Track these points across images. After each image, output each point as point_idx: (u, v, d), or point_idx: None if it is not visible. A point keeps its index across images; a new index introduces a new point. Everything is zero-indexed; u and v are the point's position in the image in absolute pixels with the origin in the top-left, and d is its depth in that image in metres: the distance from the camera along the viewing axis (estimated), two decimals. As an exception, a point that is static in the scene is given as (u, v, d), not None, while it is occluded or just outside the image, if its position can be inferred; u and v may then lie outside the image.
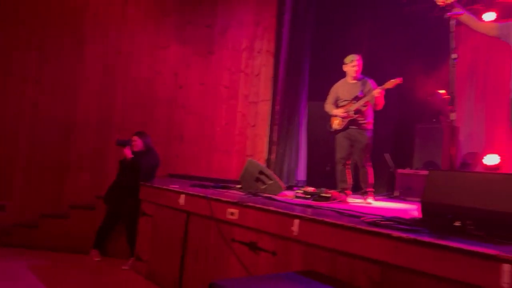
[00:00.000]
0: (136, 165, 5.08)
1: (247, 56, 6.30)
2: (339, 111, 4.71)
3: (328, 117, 4.91)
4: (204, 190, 4.11)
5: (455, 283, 1.92)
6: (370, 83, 4.68)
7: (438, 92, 6.47)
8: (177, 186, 4.23)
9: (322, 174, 6.25)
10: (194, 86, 6.40)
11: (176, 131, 6.31)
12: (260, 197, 3.78)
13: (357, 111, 4.59)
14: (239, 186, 4.44)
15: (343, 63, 4.82)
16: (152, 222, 4.46)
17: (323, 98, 5.52)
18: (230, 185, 4.66)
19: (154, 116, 6.20)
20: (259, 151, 6.04)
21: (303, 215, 2.70)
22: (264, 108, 6.10)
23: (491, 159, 6.42)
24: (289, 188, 5.32)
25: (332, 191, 4.10)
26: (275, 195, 4.09)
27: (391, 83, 4.45)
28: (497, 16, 6.77)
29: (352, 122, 4.63)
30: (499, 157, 6.38)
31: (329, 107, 4.85)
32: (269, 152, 5.97)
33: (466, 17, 3.39)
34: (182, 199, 3.90)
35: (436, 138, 6.36)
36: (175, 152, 6.25)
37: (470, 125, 7.50)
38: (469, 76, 7.62)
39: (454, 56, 3.19)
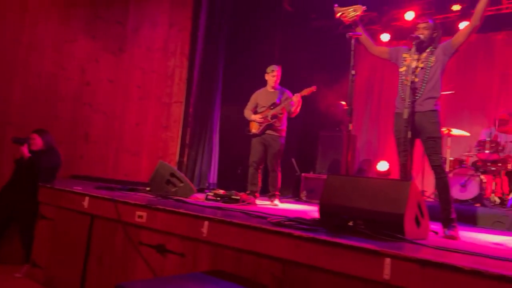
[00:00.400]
0: (34, 165, 4.71)
1: (160, 57, 6.21)
2: (257, 116, 4.97)
3: (246, 121, 5.15)
4: (111, 192, 3.97)
5: (347, 277, 2.15)
6: (287, 93, 5.04)
7: (340, 103, 7.03)
8: (81, 188, 4.03)
9: (233, 177, 6.40)
10: (103, 84, 6.12)
11: (81, 130, 5.96)
12: (170, 200, 3.77)
13: (274, 117, 4.89)
14: (148, 188, 4.38)
15: (265, 72, 5.12)
16: (52, 226, 4.18)
17: (236, 102, 5.68)
18: (139, 187, 4.56)
19: (57, 113, 5.79)
20: (171, 153, 5.99)
21: (212, 216, 2.77)
22: (177, 110, 6.07)
23: (383, 166, 7.16)
24: (201, 190, 5.38)
25: (241, 193, 4.26)
26: (186, 197, 4.12)
27: (307, 91, 4.86)
28: (391, 37, 7.60)
29: (269, 127, 4.92)
30: (388, 164, 7.14)
31: (248, 112, 5.11)
32: (181, 155, 5.95)
33: (364, 38, 3.77)
34: (86, 202, 3.72)
35: (337, 145, 6.90)
36: (80, 152, 5.91)
37: (367, 134, 8.29)
38: (367, 90, 8.42)
39: (352, 72, 3.52)
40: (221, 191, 4.27)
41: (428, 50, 3.40)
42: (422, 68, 3.35)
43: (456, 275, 1.81)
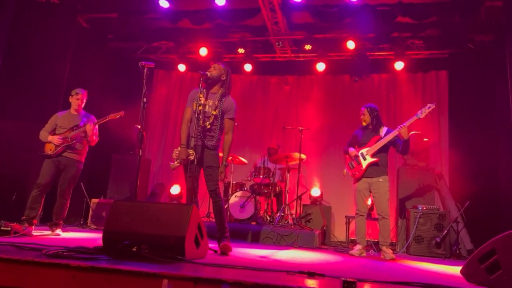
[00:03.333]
0: None
1: None
2: (55, 138, 4.59)
3: (26, 140, 4.68)
4: None
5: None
6: (92, 118, 4.83)
7: (136, 127, 7.02)
8: None
9: (4, 204, 5.53)
10: None
11: None
12: None
13: (74, 138, 4.61)
14: None
15: (70, 95, 4.83)
16: None
17: (15, 118, 5.01)
18: None
19: None
20: None
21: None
22: None
23: (175, 189, 7.40)
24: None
25: (13, 223, 3.77)
26: None
27: (113, 116, 4.76)
28: (187, 68, 8.09)
29: (67, 149, 4.61)
30: (180, 188, 7.45)
31: (44, 134, 4.67)
32: None
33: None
34: None
35: (131, 169, 6.81)
36: None
37: (162, 158, 8.45)
38: (164, 115, 8.65)
39: (144, 100, 3.65)
40: (-14, 222, 3.68)
41: (218, 97, 3.81)
42: (215, 115, 3.77)
43: (221, 287, 2.08)
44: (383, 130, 4.67)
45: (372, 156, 4.58)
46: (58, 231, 4.52)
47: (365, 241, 4.70)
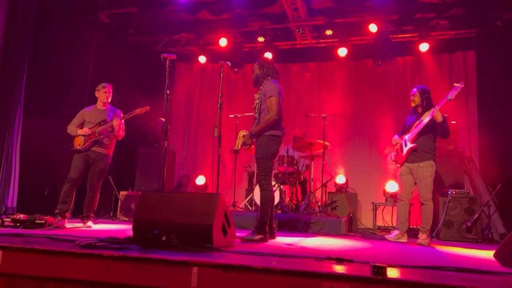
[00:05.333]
0: None
1: None
2: (83, 131, 4.70)
3: (56, 137, 4.85)
4: None
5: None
6: (119, 112, 4.92)
7: (160, 120, 7.10)
8: None
9: (38, 199, 5.73)
10: None
11: None
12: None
13: (102, 133, 4.71)
14: None
15: (95, 90, 4.92)
16: None
17: (45, 117, 5.13)
18: None
19: None
20: (-47, 173, 4.99)
21: (8, 245, 2.48)
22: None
23: (200, 180, 7.51)
24: (-5, 216, 4.66)
25: (47, 217, 3.91)
26: (-26, 225, 3.54)
27: (139, 111, 4.83)
28: (207, 60, 8.11)
29: (95, 143, 4.70)
30: (205, 178, 7.54)
31: (72, 128, 4.80)
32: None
33: None
34: None
35: (157, 161, 6.92)
36: None
37: (186, 150, 8.56)
38: (186, 107, 8.73)
39: (167, 92, 3.69)
40: (21, 216, 3.82)
41: (261, 86, 3.92)
42: (258, 103, 3.89)
43: (250, 274, 2.10)
44: (429, 113, 4.41)
45: (412, 141, 4.49)
46: (90, 223, 4.65)
47: (405, 226, 4.57)
